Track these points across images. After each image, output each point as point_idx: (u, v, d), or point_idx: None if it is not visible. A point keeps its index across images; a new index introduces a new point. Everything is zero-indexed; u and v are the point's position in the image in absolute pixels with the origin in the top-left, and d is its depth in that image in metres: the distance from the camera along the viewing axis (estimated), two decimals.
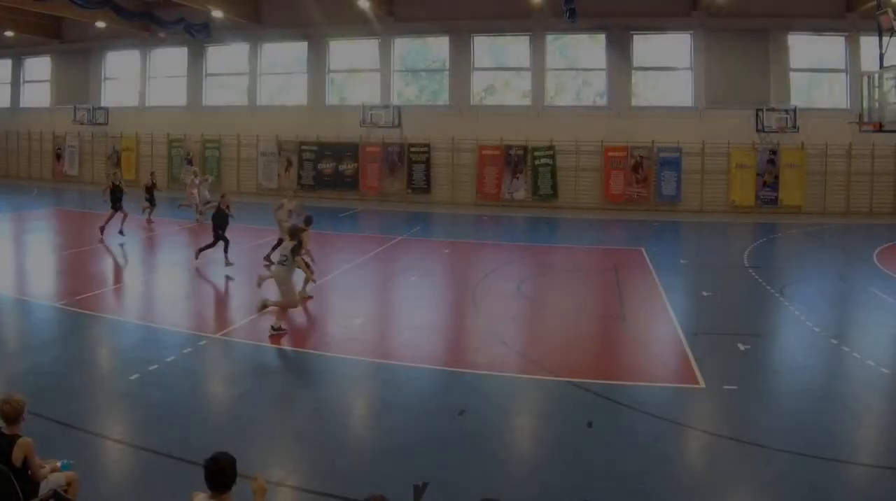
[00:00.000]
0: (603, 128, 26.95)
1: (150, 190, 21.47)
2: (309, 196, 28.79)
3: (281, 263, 10.97)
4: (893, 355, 10.29)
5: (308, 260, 12.39)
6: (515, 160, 27.33)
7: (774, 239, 20.41)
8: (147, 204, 21.41)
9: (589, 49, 28.17)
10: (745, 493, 6.48)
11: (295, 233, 11.14)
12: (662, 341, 10.93)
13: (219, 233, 15.46)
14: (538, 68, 27.68)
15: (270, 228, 16.90)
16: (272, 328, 10.68)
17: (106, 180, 21.57)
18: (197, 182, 23.56)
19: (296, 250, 10.86)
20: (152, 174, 23.25)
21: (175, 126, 30.80)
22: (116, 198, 18.80)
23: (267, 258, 15.19)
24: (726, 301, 13.60)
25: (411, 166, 28.15)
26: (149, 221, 21.26)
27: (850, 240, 21.53)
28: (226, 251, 15.47)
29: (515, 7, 26.43)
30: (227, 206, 15.58)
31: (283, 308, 10.93)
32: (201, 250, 15.42)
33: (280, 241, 14.01)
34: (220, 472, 3.99)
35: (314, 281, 12.19)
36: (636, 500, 6.17)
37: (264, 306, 11.08)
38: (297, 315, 11.93)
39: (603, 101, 27.67)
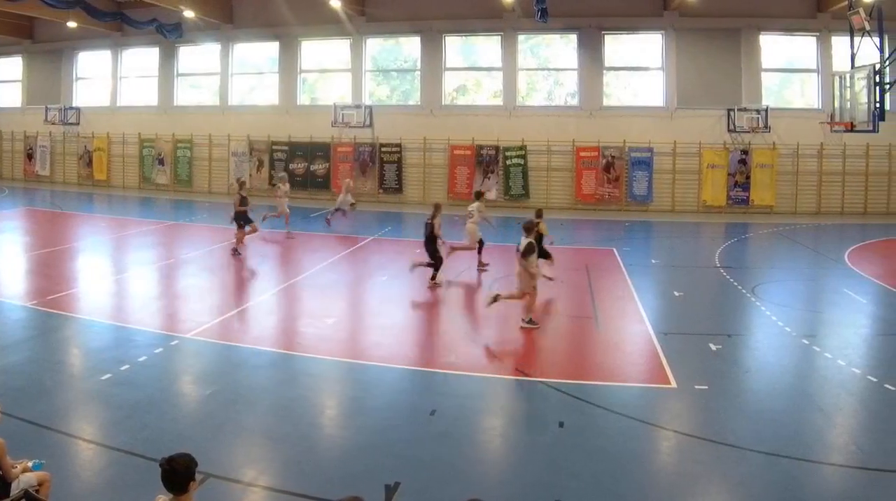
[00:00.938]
0: (574, 128, 26.68)
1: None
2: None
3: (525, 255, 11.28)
4: (864, 355, 10.24)
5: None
6: (487, 160, 26.97)
7: (746, 239, 20.21)
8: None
9: (560, 49, 27.87)
10: (716, 493, 6.43)
11: (530, 229, 11.43)
12: (634, 341, 10.87)
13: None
14: (509, 68, 27.34)
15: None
16: (523, 321, 11.10)
17: (234, 194, 18.62)
18: (286, 190, 20.84)
19: (529, 248, 11.14)
20: (240, 182, 19.84)
21: (146, 126, 30.32)
22: (244, 213, 17.42)
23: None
24: (698, 301, 13.56)
25: (383, 166, 27.77)
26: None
27: (822, 240, 21.30)
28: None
29: (487, 7, 26.13)
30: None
31: (521, 299, 11.29)
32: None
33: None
34: (171, 472, 3.91)
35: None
36: (608, 500, 6.14)
37: (495, 300, 11.37)
38: (269, 314, 11.92)
39: (574, 101, 27.35)
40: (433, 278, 14.16)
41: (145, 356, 9.36)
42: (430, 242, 14.19)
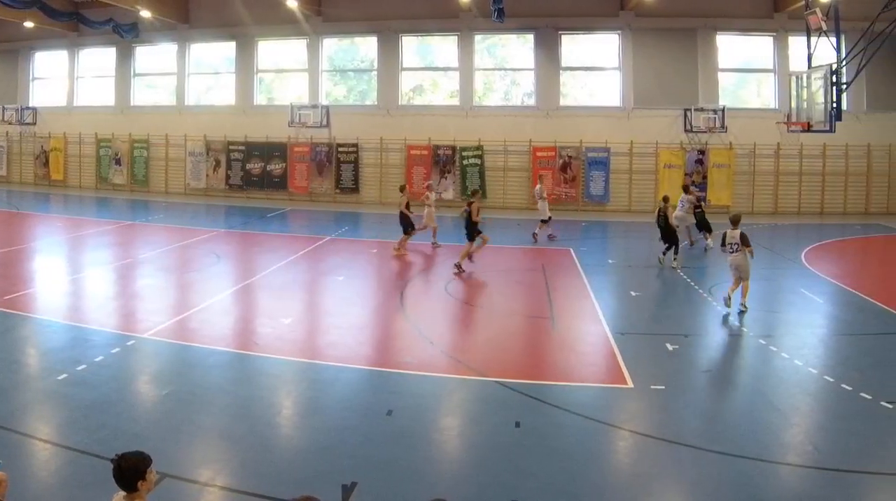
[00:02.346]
0: (531, 128, 26.28)
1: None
2: (237, 196, 28.25)
3: (732, 252, 12.20)
4: (821, 355, 10.16)
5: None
6: (444, 160, 26.53)
7: (702, 239, 20.14)
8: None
9: (517, 49, 27.44)
10: (672, 493, 6.39)
11: (737, 221, 12.40)
12: (591, 341, 10.78)
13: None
14: (466, 68, 26.91)
15: (200, 229, 16.75)
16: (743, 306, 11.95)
17: (401, 198, 18.15)
18: (434, 198, 19.73)
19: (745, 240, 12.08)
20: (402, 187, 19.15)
21: (103, 126, 29.72)
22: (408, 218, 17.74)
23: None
24: (655, 301, 13.55)
25: (340, 166, 27.27)
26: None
27: (778, 240, 20.89)
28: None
29: (443, 7, 25.71)
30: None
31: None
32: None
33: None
34: (119, 470, 3.92)
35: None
36: (565, 500, 6.07)
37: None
38: (225, 314, 11.80)
39: (531, 101, 26.93)
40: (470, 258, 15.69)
41: (102, 356, 9.29)
42: (470, 226, 15.73)
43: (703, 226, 18.76)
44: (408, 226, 17.78)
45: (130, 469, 3.89)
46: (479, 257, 16.19)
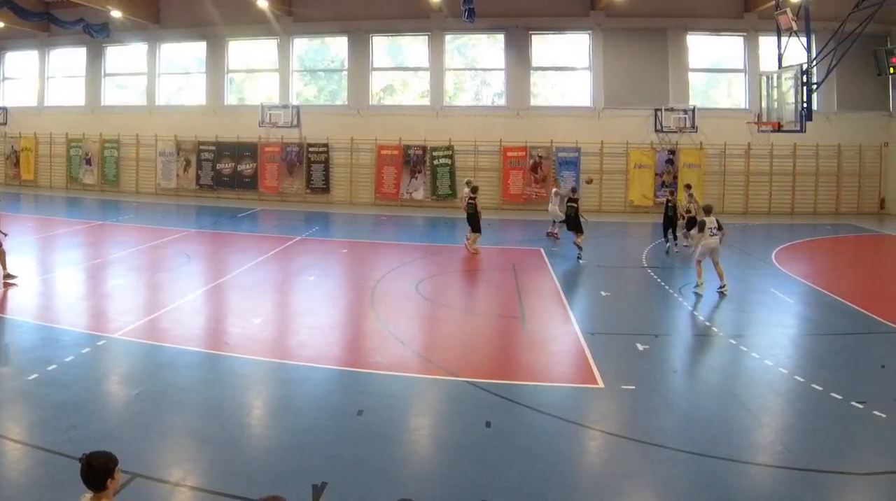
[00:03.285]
0: (502, 128, 26.05)
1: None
2: (207, 196, 27.90)
3: (713, 235, 13.18)
4: (792, 355, 10.09)
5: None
6: (414, 160, 26.28)
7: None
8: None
9: (487, 49, 27.21)
10: (643, 493, 6.34)
11: (711, 209, 13.73)
12: (561, 341, 10.70)
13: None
14: (437, 68, 26.67)
15: (170, 229, 16.58)
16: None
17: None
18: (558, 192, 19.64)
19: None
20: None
21: (74, 126, 29.37)
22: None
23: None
24: (625, 301, 13.42)
25: (310, 166, 27.00)
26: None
27: (749, 241, 20.61)
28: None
29: (414, 7, 25.43)
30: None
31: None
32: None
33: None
34: (87, 468, 3.92)
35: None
36: (535, 500, 6.00)
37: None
38: (196, 314, 11.66)
39: (501, 101, 26.70)
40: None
41: (72, 356, 9.18)
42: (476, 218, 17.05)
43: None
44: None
45: (101, 468, 3.92)
46: (452, 257, 16.20)
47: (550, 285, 14.18)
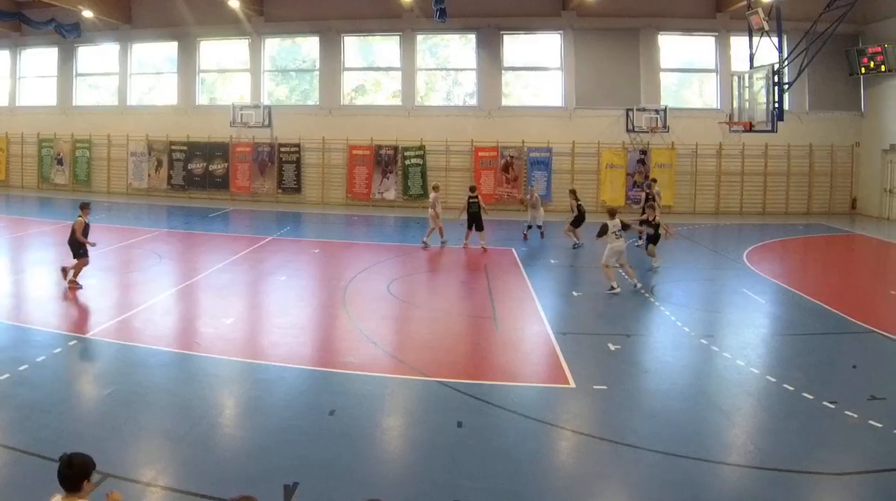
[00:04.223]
0: (473, 128, 25.84)
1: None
2: (179, 196, 27.57)
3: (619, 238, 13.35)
4: (763, 355, 10.06)
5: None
6: (386, 160, 26.02)
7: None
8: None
9: (459, 49, 27.00)
10: (615, 493, 6.31)
11: (615, 213, 13.79)
12: (533, 341, 10.68)
13: None
14: (408, 68, 26.45)
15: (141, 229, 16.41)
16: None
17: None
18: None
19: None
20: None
21: (45, 126, 29.00)
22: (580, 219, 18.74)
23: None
24: (596, 301, 13.32)
25: (282, 166, 26.70)
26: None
27: (721, 240, 20.60)
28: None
29: (385, 7, 25.22)
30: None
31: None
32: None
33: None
34: (67, 468, 3.94)
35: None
36: (506, 500, 5.98)
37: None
38: (167, 314, 11.57)
39: (473, 101, 26.49)
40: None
41: (44, 356, 9.11)
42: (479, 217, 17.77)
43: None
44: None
45: (81, 468, 3.94)
46: (424, 257, 16.12)
47: (522, 285, 14.12)
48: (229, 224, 23.15)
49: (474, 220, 17.82)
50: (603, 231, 13.48)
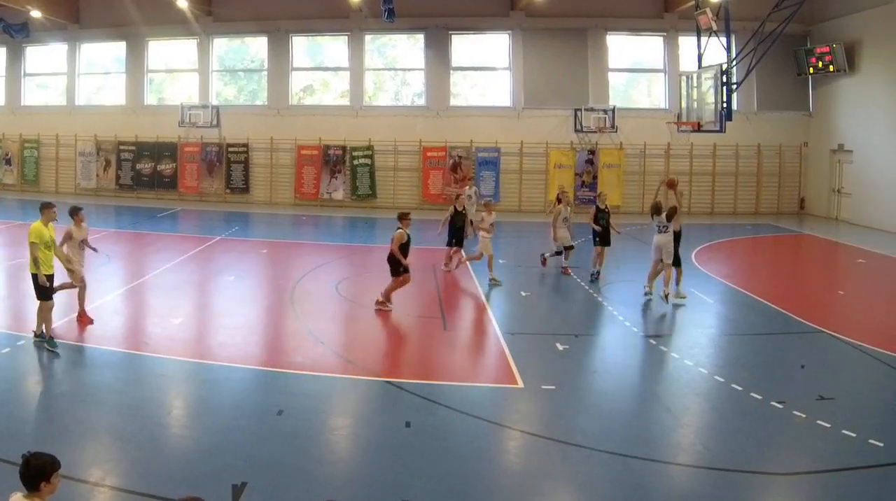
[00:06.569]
0: (421, 127, 25.43)
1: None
2: (127, 196, 26.96)
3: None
4: (711, 355, 9.98)
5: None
6: (334, 160, 25.53)
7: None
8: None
9: (407, 49, 26.60)
10: (563, 493, 6.26)
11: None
12: (481, 341, 10.71)
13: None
14: (356, 68, 26.02)
15: (90, 229, 16.09)
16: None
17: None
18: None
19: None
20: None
21: None
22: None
23: None
24: (545, 301, 13.33)
25: (230, 166, 26.20)
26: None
27: None
28: None
29: (334, 7, 24.78)
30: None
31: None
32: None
33: None
34: (25, 467, 3.89)
35: None
36: (455, 500, 5.95)
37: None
38: (115, 314, 11.44)
39: (421, 101, 26.07)
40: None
41: None
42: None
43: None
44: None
45: (37, 469, 3.88)
46: (372, 257, 15.95)
47: (471, 285, 13.97)
48: (178, 224, 22.72)
49: (456, 236, 15.03)
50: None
